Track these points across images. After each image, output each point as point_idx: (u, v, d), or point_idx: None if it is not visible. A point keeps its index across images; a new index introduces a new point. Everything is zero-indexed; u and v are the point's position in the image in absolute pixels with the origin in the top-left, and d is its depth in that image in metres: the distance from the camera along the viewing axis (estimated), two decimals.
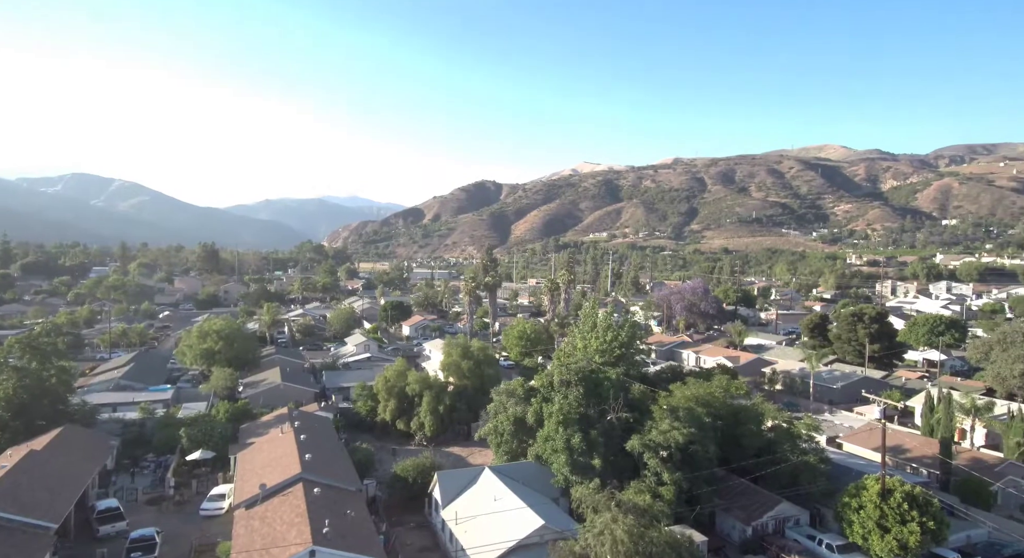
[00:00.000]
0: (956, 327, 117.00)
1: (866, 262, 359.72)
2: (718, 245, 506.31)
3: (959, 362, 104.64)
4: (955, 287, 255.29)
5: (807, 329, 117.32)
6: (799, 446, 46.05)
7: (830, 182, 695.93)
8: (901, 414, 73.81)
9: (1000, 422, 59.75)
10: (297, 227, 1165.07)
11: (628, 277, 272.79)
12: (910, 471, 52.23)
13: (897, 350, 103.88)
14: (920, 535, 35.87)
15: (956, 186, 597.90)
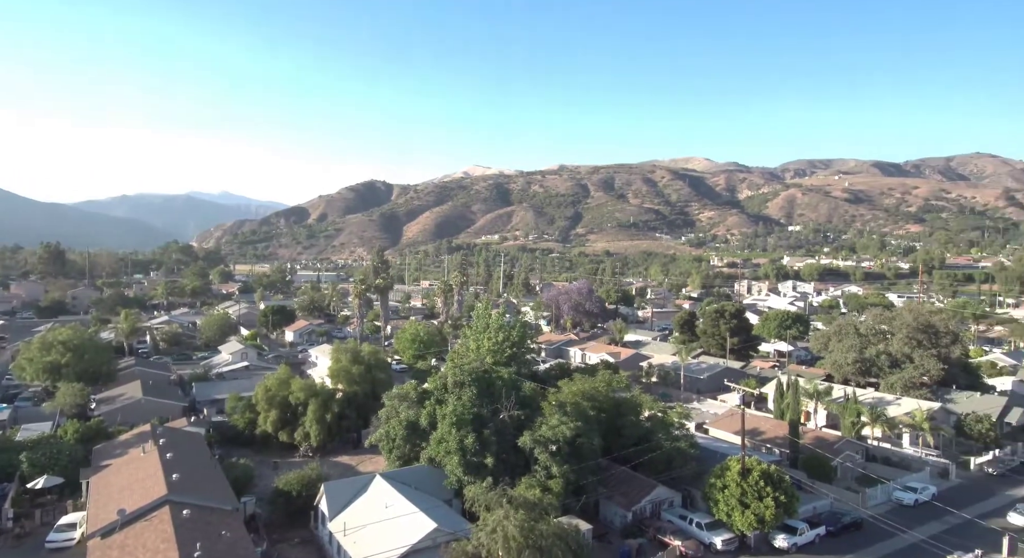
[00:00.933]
0: (800, 321, 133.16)
1: (726, 264, 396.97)
2: (601, 248, 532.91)
3: (803, 352, 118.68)
4: (799, 286, 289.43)
5: (678, 325, 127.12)
6: (672, 433, 50.04)
7: (696, 191, 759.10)
8: (757, 400, 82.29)
9: (837, 404, 68.75)
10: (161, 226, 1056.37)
11: (519, 278, 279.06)
12: (765, 451, 58.48)
13: (753, 342, 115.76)
14: (775, 509, 40.42)
15: (800, 196, 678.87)
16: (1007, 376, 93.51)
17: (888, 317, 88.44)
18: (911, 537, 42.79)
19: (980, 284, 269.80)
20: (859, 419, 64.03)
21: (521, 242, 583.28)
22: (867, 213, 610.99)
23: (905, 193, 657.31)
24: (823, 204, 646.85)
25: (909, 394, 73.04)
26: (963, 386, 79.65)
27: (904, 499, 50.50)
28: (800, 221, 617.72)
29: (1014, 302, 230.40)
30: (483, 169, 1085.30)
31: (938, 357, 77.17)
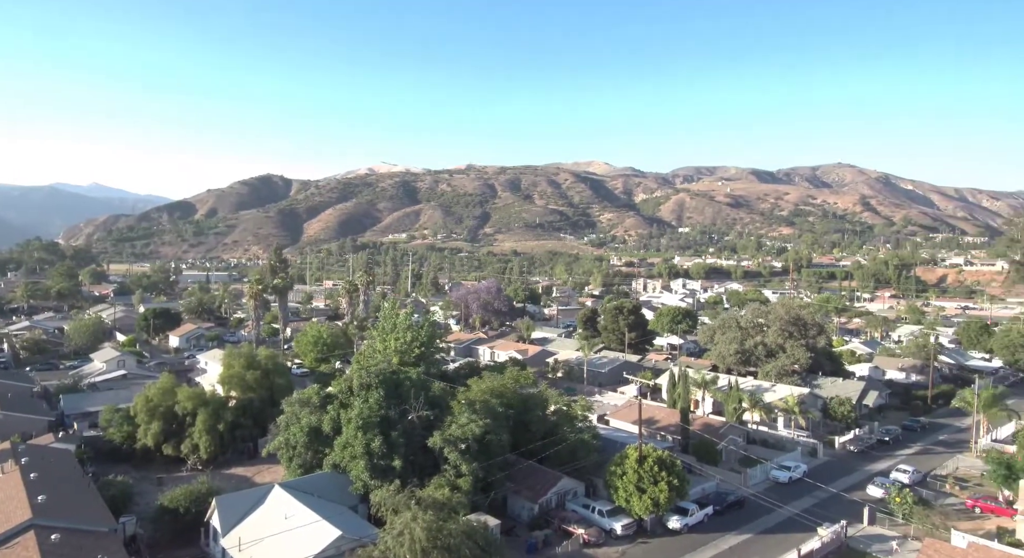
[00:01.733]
0: (690, 316, 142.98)
1: (625, 263, 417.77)
2: (508, 248, 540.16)
3: (693, 345, 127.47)
4: (689, 284, 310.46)
5: (581, 322, 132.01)
6: (577, 426, 52.02)
7: (596, 194, 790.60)
8: (653, 391, 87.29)
9: (722, 392, 74.56)
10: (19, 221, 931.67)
11: (427, 278, 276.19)
12: (660, 438, 62.31)
13: (649, 337, 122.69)
14: (668, 492, 43.26)
15: (688, 200, 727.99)
16: (864, 363, 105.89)
17: (764, 311, 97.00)
18: (786, 512, 47.41)
19: (841, 281, 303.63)
20: (740, 405, 69.92)
21: (429, 241, 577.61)
22: (746, 217, 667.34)
23: (778, 199, 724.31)
24: (709, 208, 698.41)
25: (783, 381, 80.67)
26: (828, 373, 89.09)
27: (780, 477, 55.81)
28: (689, 223, 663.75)
29: (869, 297, 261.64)
30: (389, 166, 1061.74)
31: (806, 347, 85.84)
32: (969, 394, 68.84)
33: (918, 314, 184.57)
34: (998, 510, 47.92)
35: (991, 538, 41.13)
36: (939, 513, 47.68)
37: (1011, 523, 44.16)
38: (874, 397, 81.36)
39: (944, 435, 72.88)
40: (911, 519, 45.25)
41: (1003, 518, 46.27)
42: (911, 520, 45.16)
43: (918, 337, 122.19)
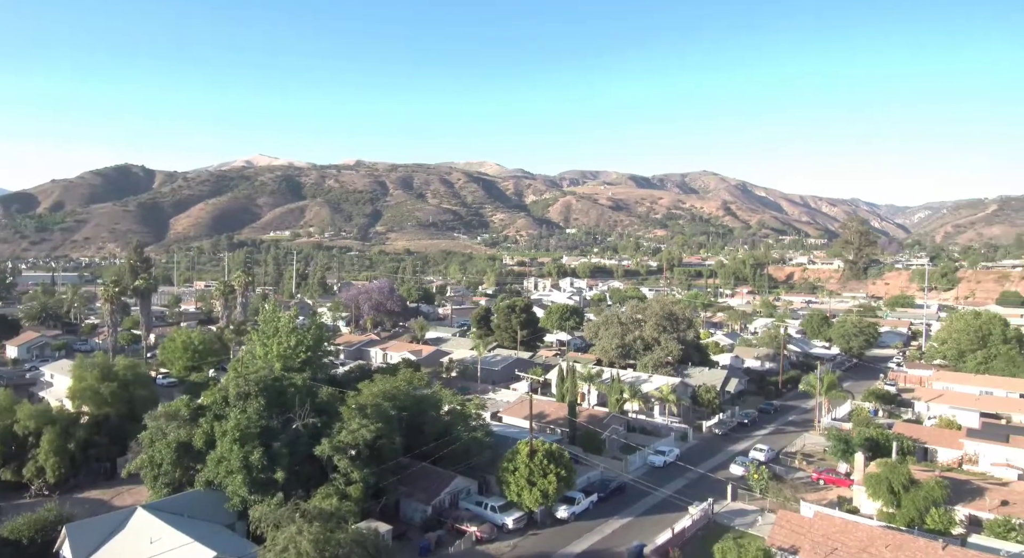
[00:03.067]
0: (577, 313, 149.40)
1: (517, 262, 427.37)
2: (401, 246, 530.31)
3: (580, 340, 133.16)
4: (576, 282, 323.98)
5: (475, 321, 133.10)
6: (471, 425, 52.48)
7: (489, 194, 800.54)
8: (543, 386, 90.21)
9: (605, 385, 78.72)
10: None
11: (314, 278, 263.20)
12: (549, 432, 64.53)
13: (540, 334, 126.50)
14: (557, 484, 45.08)
15: (575, 203, 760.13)
16: (726, 353, 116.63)
17: (642, 308, 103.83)
18: (662, 494, 51.19)
19: (707, 279, 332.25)
20: (622, 396, 74.35)
21: (316, 239, 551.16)
22: (626, 219, 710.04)
23: (653, 203, 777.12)
24: (593, 210, 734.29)
25: (658, 372, 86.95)
26: (696, 363, 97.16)
27: (656, 462, 60.14)
28: (576, 225, 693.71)
29: (730, 293, 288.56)
30: (270, 159, 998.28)
31: (678, 340, 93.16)
32: (812, 379, 78.51)
33: (770, 308, 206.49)
34: (838, 481, 55.05)
35: (833, 507, 47.31)
36: (790, 486, 53.84)
37: (849, 492, 50.92)
38: (735, 384, 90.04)
39: (793, 416, 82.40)
40: (767, 493, 50.73)
41: (842, 488, 53.20)
42: (767, 494, 50.63)
43: (770, 329, 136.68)
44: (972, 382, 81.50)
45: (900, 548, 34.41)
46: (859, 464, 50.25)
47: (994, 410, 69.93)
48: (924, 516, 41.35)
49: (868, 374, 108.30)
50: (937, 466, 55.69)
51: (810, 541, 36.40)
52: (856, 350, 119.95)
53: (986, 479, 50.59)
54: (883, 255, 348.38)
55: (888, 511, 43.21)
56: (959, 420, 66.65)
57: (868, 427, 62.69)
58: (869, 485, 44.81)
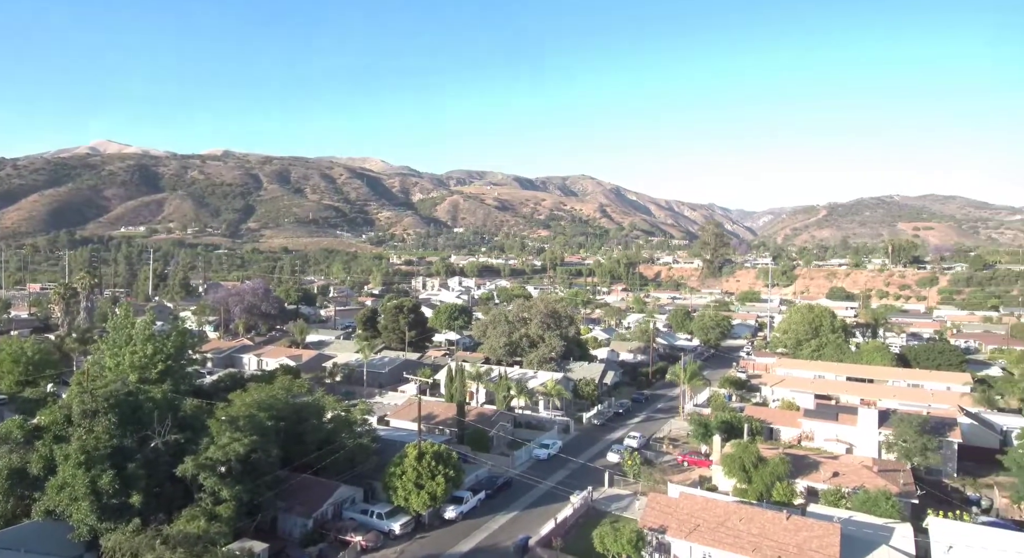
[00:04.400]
0: (465, 313, 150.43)
1: (404, 261, 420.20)
2: (278, 244, 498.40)
3: (468, 340, 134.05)
4: (464, 281, 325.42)
5: (361, 322, 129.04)
6: (355, 431, 50.97)
7: (374, 191, 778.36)
8: (432, 387, 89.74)
9: (493, 383, 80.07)
10: None
11: (176, 278, 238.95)
12: (439, 433, 64.46)
13: (428, 334, 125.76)
14: (445, 484, 45.19)
15: (462, 202, 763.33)
16: (604, 347, 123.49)
17: (527, 306, 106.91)
18: (546, 486, 53.28)
19: (586, 277, 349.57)
20: (509, 393, 76.12)
21: (178, 236, 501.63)
22: (511, 219, 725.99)
23: (537, 204, 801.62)
24: (480, 210, 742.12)
25: (543, 368, 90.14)
26: (577, 358, 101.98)
27: (540, 455, 62.36)
28: (463, 224, 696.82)
29: (607, 290, 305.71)
30: (120, 146, 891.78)
31: (561, 336, 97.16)
32: (677, 369, 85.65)
33: (641, 304, 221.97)
34: (700, 462, 60.57)
35: (695, 486, 52.00)
36: (659, 470, 58.41)
37: (709, 472, 56.21)
38: (611, 376, 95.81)
39: (662, 404, 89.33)
40: (639, 478, 54.62)
41: (703, 468, 58.60)
42: (639, 479, 54.52)
43: (641, 324, 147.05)
44: (807, 367, 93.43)
45: (751, 520, 38.76)
46: (716, 445, 55.71)
47: (826, 392, 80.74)
48: (771, 490, 46.83)
49: (723, 363, 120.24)
50: (781, 444, 63.17)
51: (676, 520, 39.83)
52: (713, 341, 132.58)
53: (820, 454, 58.30)
54: (735, 255, 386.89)
55: (741, 487, 48.38)
56: (798, 402, 76.16)
57: (724, 411, 69.59)
58: (725, 464, 49.87)
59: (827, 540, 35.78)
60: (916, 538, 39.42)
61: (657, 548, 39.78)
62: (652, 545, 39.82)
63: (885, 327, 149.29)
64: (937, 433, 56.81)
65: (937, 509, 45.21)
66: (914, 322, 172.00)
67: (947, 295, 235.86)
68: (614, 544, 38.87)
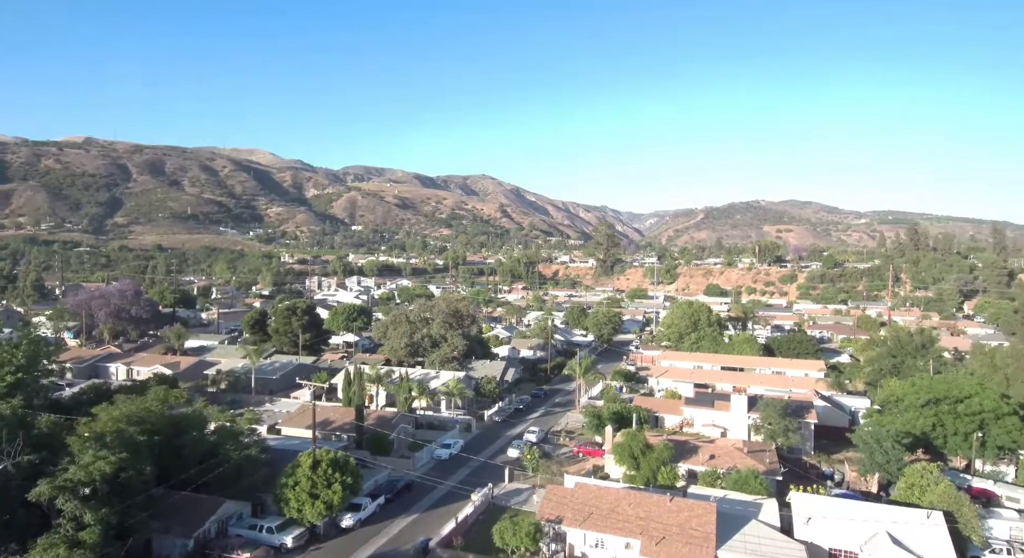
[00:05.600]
0: (365, 313, 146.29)
1: (297, 260, 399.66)
2: (151, 241, 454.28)
3: (368, 341, 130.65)
4: (363, 281, 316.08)
5: (248, 326, 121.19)
6: (242, 442, 48.04)
7: (262, 185, 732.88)
8: (328, 392, 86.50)
9: (394, 385, 78.78)
10: None
11: (27, 279, 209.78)
12: (335, 439, 62.42)
13: (324, 337, 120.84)
14: (342, 492, 43.86)
15: (360, 199, 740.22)
16: (505, 345, 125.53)
17: (429, 306, 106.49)
18: (447, 486, 53.43)
19: (488, 276, 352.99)
20: (410, 395, 75.36)
21: (29, 232, 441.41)
22: (412, 217, 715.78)
23: (438, 203, 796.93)
24: (379, 207, 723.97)
25: (445, 367, 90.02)
26: (479, 356, 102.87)
27: (442, 455, 62.39)
28: (362, 222, 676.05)
29: (508, 289, 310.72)
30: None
31: (463, 335, 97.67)
32: (573, 364, 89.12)
33: (540, 302, 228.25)
34: (594, 452, 63.50)
35: (589, 475, 54.56)
36: (557, 462, 60.61)
37: (602, 461, 59.17)
38: (512, 373, 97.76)
39: (559, 398, 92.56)
40: (538, 471, 56.37)
41: (597, 458, 61.56)
42: (538, 472, 56.27)
43: (540, 321, 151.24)
44: (688, 359, 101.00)
45: (639, 504, 41.43)
46: (608, 436, 58.81)
47: (704, 381, 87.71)
48: (657, 475, 50.29)
49: (615, 357, 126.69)
50: (665, 431, 67.90)
51: (571, 509, 41.66)
52: (606, 336, 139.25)
53: (699, 438, 63.31)
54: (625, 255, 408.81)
55: (631, 473, 51.50)
56: (680, 391, 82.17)
57: (615, 403, 73.56)
58: (616, 453, 52.83)
59: (705, 518, 39.11)
60: (781, 512, 44.10)
61: (554, 538, 41.35)
62: (549, 536, 41.33)
63: (753, 320, 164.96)
64: (797, 415, 63.84)
65: (798, 484, 50.87)
66: (777, 315, 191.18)
67: (804, 291, 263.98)
68: (513, 538, 39.90)
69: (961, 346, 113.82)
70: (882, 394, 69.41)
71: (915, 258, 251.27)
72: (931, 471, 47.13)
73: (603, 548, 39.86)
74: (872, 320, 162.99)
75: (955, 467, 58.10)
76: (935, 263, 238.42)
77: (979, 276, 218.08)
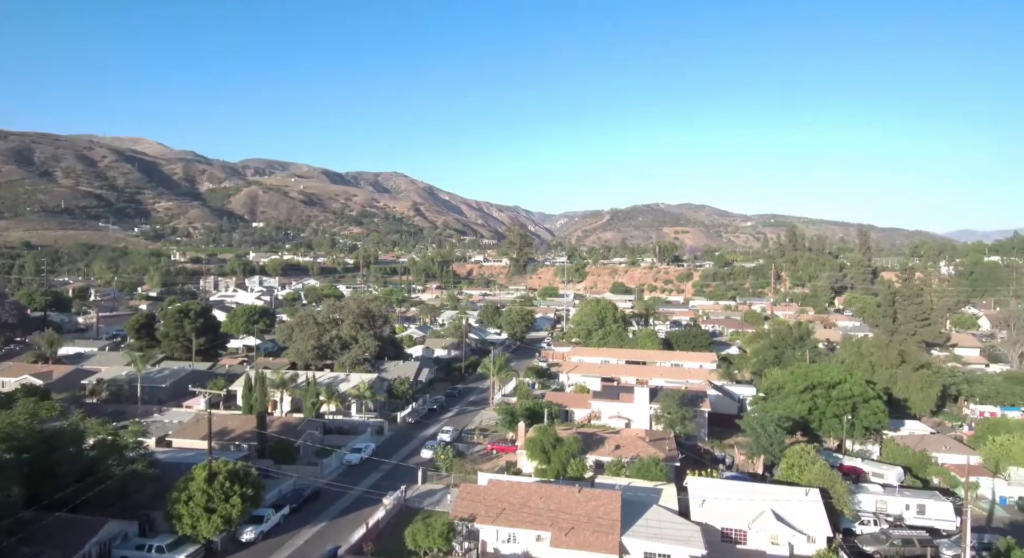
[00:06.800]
0: (267, 315, 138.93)
1: (190, 259, 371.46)
2: (17, 238, 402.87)
3: (271, 344, 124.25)
4: (266, 281, 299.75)
5: (133, 330, 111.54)
6: (127, 456, 44.31)
7: (149, 177, 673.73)
8: (227, 399, 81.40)
9: (300, 389, 75.58)
10: None
11: None
12: (235, 449, 58.85)
13: (221, 341, 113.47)
14: (242, 505, 41.43)
15: (261, 194, 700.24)
16: (419, 345, 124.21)
17: (339, 306, 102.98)
18: (358, 491, 52.06)
19: (401, 275, 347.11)
20: (318, 399, 72.66)
21: None
22: (320, 214, 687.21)
23: (348, 199, 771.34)
24: (283, 203, 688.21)
25: (356, 370, 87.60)
26: (392, 357, 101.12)
27: (352, 460, 60.70)
28: (263, 218, 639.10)
29: (422, 288, 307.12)
30: None
31: (375, 336, 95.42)
32: (487, 362, 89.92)
33: (455, 301, 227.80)
34: (507, 448, 64.41)
35: (503, 472, 55.23)
36: (470, 460, 60.86)
37: (515, 457, 60.11)
38: (426, 373, 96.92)
39: (474, 396, 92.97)
40: (452, 470, 56.36)
41: (510, 454, 62.45)
42: (452, 471, 56.26)
43: (455, 320, 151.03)
44: (596, 354, 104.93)
45: (550, 497, 42.62)
46: (521, 431, 59.92)
47: (610, 375, 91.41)
48: (567, 467, 51.91)
49: (528, 354, 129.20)
50: (575, 424, 70.20)
51: (484, 506, 42.10)
52: (519, 334, 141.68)
53: (606, 430, 66.00)
54: (537, 254, 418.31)
55: (542, 467, 52.80)
56: (588, 385, 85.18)
57: (528, 399, 75.05)
58: (528, 448, 53.96)
59: (610, 506, 40.96)
60: (679, 496, 47.04)
61: (467, 537, 41.59)
62: (463, 535, 41.52)
63: (654, 316, 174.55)
64: (692, 405, 68.30)
65: (694, 469, 54.50)
66: (675, 311, 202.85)
67: (699, 288, 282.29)
68: (426, 540, 39.71)
69: (833, 338, 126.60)
70: (766, 382, 75.92)
71: (793, 258, 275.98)
72: (808, 452, 52.17)
73: (515, 542, 40.64)
74: (757, 315, 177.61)
75: (829, 447, 64.68)
76: (810, 263, 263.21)
77: (848, 274, 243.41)
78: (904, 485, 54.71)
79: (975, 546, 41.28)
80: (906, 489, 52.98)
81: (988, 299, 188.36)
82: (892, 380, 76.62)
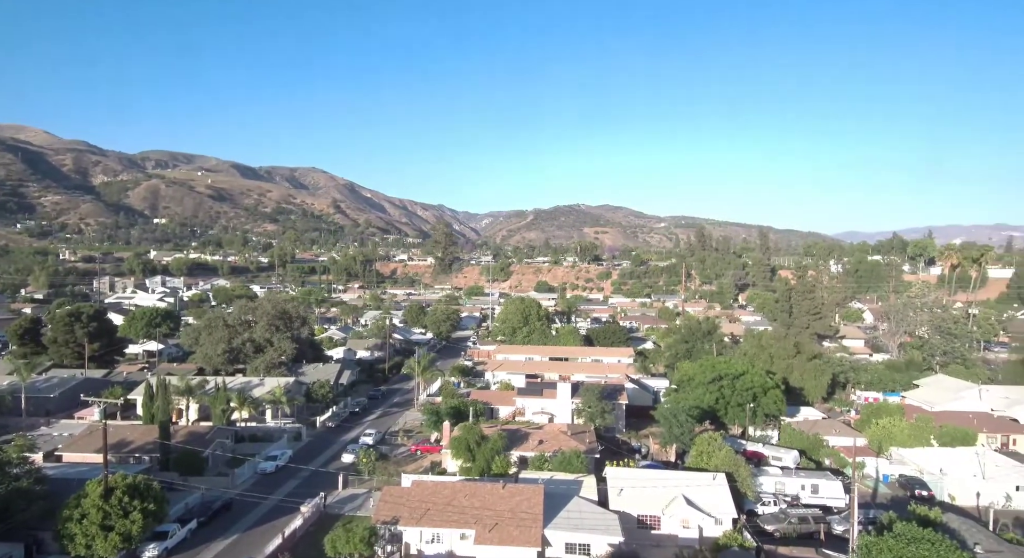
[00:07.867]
0: (171, 317, 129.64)
1: (81, 258, 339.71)
2: None
3: (175, 349, 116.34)
4: (169, 281, 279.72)
5: (16, 336, 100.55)
6: (9, 473, 40.15)
7: (34, 169, 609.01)
8: (125, 408, 75.46)
9: (209, 396, 71.18)
10: None
11: None
12: (134, 461, 54.75)
13: (118, 346, 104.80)
14: (143, 521, 38.52)
15: (163, 188, 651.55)
16: (340, 347, 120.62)
17: (252, 307, 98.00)
18: (273, 500, 49.91)
19: (320, 275, 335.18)
20: (229, 406, 68.80)
21: None
22: (230, 211, 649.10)
23: (261, 195, 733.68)
24: (188, 198, 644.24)
25: (271, 374, 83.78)
26: (311, 359, 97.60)
27: (267, 468, 58.07)
28: (166, 214, 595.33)
29: (343, 288, 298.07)
30: None
31: (292, 338, 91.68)
32: (412, 362, 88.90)
33: (378, 301, 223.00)
34: (432, 449, 63.95)
35: (427, 472, 54.80)
36: (394, 462, 59.94)
37: (439, 457, 59.80)
38: (347, 375, 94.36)
39: (398, 398, 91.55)
40: (374, 474, 55.27)
41: (435, 454, 62.08)
42: (374, 474, 55.17)
43: (378, 320, 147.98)
44: (521, 352, 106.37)
45: (474, 495, 42.84)
46: (446, 431, 59.77)
47: (534, 372, 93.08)
48: (491, 464, 52.29)
49: (454, 353, 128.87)
50: (499, 421, 70.77)
51: (408, 508, 41.68)
52: (445, 333, 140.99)
53: (530, 426, 67.03)
54: (462, 253, 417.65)
55: (467, 466, 52.88)
56: (513, 383, 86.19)
57: (453, 398, 74.94)
58: (453, 447, 53.91)
59: (533, 500, 41.78)
60: (599, 487, 48.69)
61: (390, 540, 41.01)
62: (385, 538, 40.89)
63: (576, 314, 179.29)
64: (611, 398, 70.91)
65: (612, 460, 56.53)
66: (595, 309, 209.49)
67: (617, 286, 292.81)
68: (346, 545, 38.78)
69: (736, 332, 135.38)
70: (678, 375, 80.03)
71: (702, 257, 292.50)
72: (715, 439, 55.60)
73: (439, 542, 40.53)
74: (670, 311, 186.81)
75: (734, 434, 69.17)
76: (717, 262, 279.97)
77: (749, 272, 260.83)
78: (800, 467, 59.50)
79: (862, 521, 45.50)
80: (801, 471, 57.64)
81: (871, 295, 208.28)
82: (789, 370, 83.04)
